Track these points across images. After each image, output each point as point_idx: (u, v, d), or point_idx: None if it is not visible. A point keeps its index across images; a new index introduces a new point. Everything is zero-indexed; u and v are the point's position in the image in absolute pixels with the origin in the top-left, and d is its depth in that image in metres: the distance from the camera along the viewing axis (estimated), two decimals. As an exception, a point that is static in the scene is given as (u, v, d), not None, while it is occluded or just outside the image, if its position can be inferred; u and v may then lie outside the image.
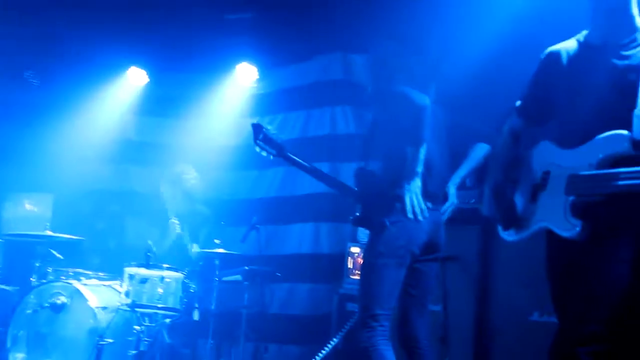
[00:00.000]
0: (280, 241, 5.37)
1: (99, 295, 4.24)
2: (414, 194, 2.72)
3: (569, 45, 2.17)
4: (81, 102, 5.71)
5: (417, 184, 2.72)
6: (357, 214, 3.05)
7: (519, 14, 3.70)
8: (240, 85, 5.88)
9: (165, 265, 4.24)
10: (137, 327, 4.04)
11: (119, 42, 5.60)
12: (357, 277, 4.59)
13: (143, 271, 4.15)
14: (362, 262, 2.93)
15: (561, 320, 1.97)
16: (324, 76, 5.45)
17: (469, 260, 3.95)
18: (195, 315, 4.12)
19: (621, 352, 1.80)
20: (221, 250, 4.35)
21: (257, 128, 3.19)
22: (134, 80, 6.02)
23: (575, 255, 1.97)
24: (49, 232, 4.50)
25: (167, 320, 4.20)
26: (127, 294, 4.09)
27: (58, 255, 4.65)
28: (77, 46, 5.58)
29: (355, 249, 4.73)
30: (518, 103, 2.34)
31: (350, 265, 4.73)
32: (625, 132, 1.88)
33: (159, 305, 4.10)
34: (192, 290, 4.30)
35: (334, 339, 4.16)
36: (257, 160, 5.59)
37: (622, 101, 1.95)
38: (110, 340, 3.99)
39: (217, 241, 4.41)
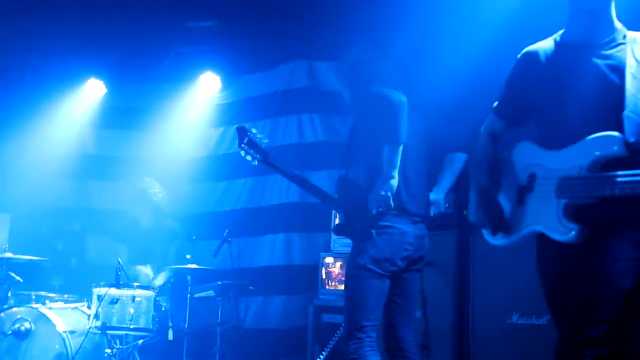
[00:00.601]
0: (252, 253, 5.26)
1: (66, 319, 4.04)
2: (386, 192, 2.66)
3: (545, 45, 2.16)
4: (38, 116, 5.48)
5: (391, 186, 2.66)
6: (339, 222, 3.00)
7: (499, 20, 3.72)
8: (204, 95, 5.76)
9: (135, 284, 4.07)
10: (108, 351, 3.88)
11: (76, 53, 5.41)
12: (332, 288, 4.54)
13: (113, 291, 3.98)
14: (346, 272, 2.87)
15: (561, 325, 1.94)
16: (290, 84, 5.40)
17: (447, 265, 3.95)
18: (169, 335, 3.98)
19: (627, 353, 1.79)
20: (193, 266, 4.22)
21: (242, 131, 3.12)
22: (92, 91, 5.82)
23: (571, 258, 1.95)
24: (8, 254, 4.27)
25: (140, 342, 4.04)
26: (96, 316, 3.91)
27: (17, 278, 4.42)
28: (32, 57, 5.36)
29: (329, 259, 4.67)
30: (496, 104, 2.32)
31: (324, 275, 4.67)
32: (616, 133, 1.87)
33: (131, 327, 3.94)
34: (164, 309, 4.15)
35: (323, 353, 4.07)
36: (224, 171, 5.53)
37: (607, 101, 1.94)
38: (80, 366, 3.81)
39: (188, 256, 4.28)
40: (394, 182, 2.66)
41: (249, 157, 3.12)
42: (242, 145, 3.11)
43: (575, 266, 1.93)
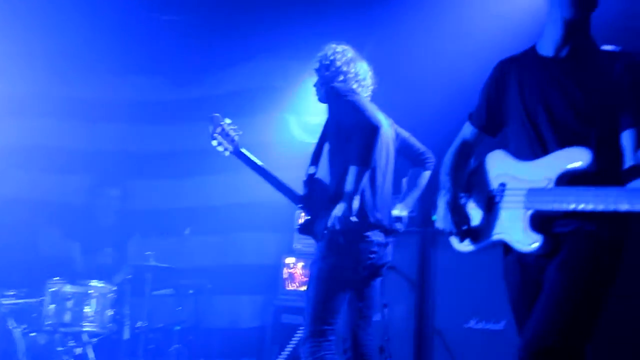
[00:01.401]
0: (213, 252, 5.19)
1: (16, 315, 3.89)
2: (347, 214, 2.66)
3: (521, 56, 2.18)
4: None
5: (351, 207, 2.67)
6: (304, 221, 2.97)
7: (476, 27, 3.75)
8: (172, 89, 5.64)
9: (92, 282, 3.95)
10: (60, 349, 3.74)
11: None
12: (292, 289, 4.53)
13: (67, 287, 3.86)
14: (309, 273, 2.86)
15: (522, 333, 1.98)
16: (262, 82, 5.34)
17: (408, 269, 3.99)
18: (126, 333, 3.89)
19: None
20: (153, 263, 4.14)
21: (215, 120, 3.07)
22: (47, 80, 5.61)
23: (534, 268, 1.99)
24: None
25: (94, 340, 3.93)
26: (49, 313, 3.78)
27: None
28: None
29: (290, 259, 4.66)
30: (470, 112, 2.33)
31: (285, 276, 4.65)
32: (584, 148, 1.90)
33: (85, 324, 3.82)
34: (121, 306, 4.05)
35: (281, 356, 4.05)
36: (188, 167, 5.43)
37: (578, 116, 1.97)
38: (31, 365, 3.68)
39: (148, 253, 4.19)
40: (355, 203, 2.68)
41: (220, 148, 3.08)
42: (215, 135, 3.07)
43: (537, 277, 1.97)
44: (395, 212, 2.97)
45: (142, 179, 5.36)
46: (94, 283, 3.99)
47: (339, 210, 2.66)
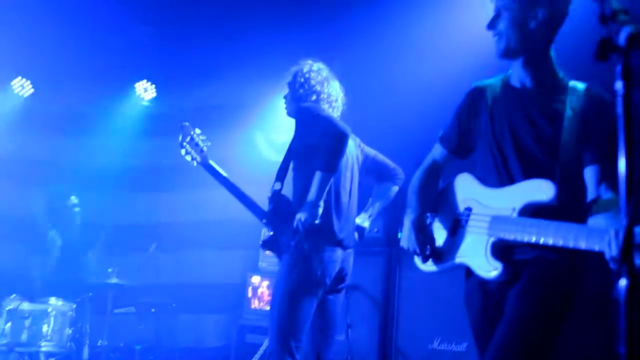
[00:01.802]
0: (177, 270, 5.12)
1: (-30, 334, 3.75)
2: (310, 218, 2.67)
3: (493, 84, 2.20)
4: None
5: (316, 213, 2.68)
6: (267, 237, 2.96)
7: (449, 48, 3.78)
8: (139, 103, 5.59)
9: (51, 300, 3.83)
10: (15, 369, 3.63)
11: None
12: (257, 308, 4.49)
13: (24, 305, 3.74)
14: (274, 290, 2.84)
15: (482, 358, 2.00)
16: (231, 98, 5.33)
17: (373, 289, 4.01)
18: (85, 353, 3.78)
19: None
20: (115, 281, 4.05)
21: (185, 130, 3.04)
22: (17, 90, 5.51)
23: (493, 295, 2.01)
24: None
25: (52, 360, 3.82)
26: (4, 332, 3.65)
27: None
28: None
29: (255, 278, 4.63)
30: (441, 133, 2.32)
31: (250, 294, 4.62)
32: (549, 182, 1.92)
33: (42, 344, 3.70)
34: (81, 325, 3.94)
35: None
36: (155, 182, 5.36)
37: (543, 150, 2.00)
38: (-17, 386, 3.55)
39: (110, 270, 4.10)
40: (320, 209, 2.68)
41: (188, 157, 3.05)
42: (184, 144, 3.05)
43: (498, 301, 2.00)
44: (358, 220, 2.98)
45: (106, 194, 5.26)
46: (53, 301, 3.88)
47: (302, 214, 2.67)
